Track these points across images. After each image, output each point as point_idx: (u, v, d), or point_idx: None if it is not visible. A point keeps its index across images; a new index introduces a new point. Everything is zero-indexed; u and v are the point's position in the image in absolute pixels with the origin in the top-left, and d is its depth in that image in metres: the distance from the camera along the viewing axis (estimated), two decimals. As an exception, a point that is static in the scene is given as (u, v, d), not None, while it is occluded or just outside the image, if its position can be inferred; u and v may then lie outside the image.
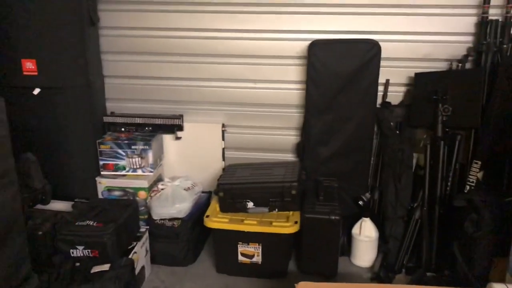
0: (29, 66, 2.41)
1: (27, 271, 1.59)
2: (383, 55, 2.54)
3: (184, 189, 2.62)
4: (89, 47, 2.54)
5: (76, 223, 2.17)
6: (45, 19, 2.38)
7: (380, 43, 2.53)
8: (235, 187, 2.45)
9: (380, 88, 2.64)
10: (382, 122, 2.66)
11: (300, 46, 2.71)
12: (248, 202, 2.44)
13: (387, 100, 2.71)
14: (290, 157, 2.93)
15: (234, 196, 2.44)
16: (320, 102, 2.64)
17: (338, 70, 2.58)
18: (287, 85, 2.81)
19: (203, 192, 2.77)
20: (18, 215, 1.51)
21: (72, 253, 2.12)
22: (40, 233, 2.05)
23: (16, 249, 1.54)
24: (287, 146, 2.91)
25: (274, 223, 2.36)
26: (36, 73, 2.42)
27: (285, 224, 2.35)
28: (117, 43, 2.82)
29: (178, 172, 2.93)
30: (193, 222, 2.54)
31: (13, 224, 1.50)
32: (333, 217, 2.34)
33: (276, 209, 2.45)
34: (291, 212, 2.45)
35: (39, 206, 2.31)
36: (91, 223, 2.17)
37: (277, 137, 2.91)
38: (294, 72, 2.77)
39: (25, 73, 2.42)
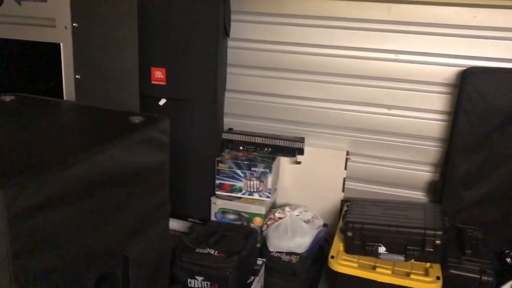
0: (158, 75, 2.29)
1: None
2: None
3: (304, 221, 2.37)
4: (220, 60, 2.39)
5: (197, 250, 1.99)
6: (180, 28, 2.25)
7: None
8: (366, 227, 2.16)
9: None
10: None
11: (449, 72, 2.38)
12: (380, 246, 2.14)
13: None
14: (420, 195, 2.59)
15: (364, 238, 2.15)
16: (471, 138, 2.29)
17: (499, 104, 2.21)
18: (427, 114, 2.48)
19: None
20: (167, 251, 1.34)
21: (190, 283, 1.94)
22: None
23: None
24: (418, 183, 2.58)
25: (412, 276, 2.04)
26: (164, 83, 2.30)
27: (425, 279, 2.02)
28: (242, 56, 2.65)
29: (291, 200, 2.70)
30: (312, 259, 2.29)
31: (162, 260, 1.33)
32: (485, 278, 1.98)
33: (413, 259, 2.12)
34: (428, 264, 2.11)
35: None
36: (212, 251, 1.99)
37: (407, 172, 2.59)
38: (438, 101, 2.44)
39: (153, 82, 2.30)
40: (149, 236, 1.29)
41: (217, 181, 2.50)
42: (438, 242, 2.06)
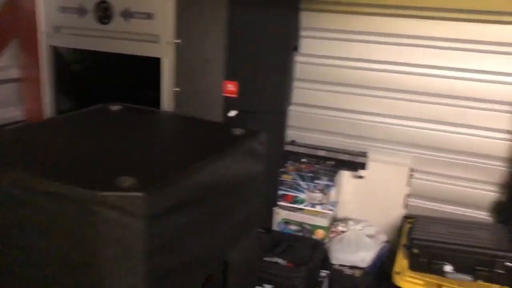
0: (230, 88, 2.38)
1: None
2: None
3: (368, 236, 2.38)
4: (288, 74, 2.46)
5: (265, 258, 2.04)
6: (253, 42, 2.34)
7: None
8: (433, 245, 2.16)
9: None
10: None
11: (519, 92, 2.35)
12: (447, 265, 2.12)
13: None
14: (483, 215, 2.55)
15: (430, 256, 2.14)
16: (543, 160, 2.24)
17: None
18: (494, 133, 2.45)
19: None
20: (258, 256, 1.41)
21: (259, 290, 1.99)
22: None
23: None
24: (484, 203, 2.54)
25: (480, 297, 2.01)
26: (236, 96, 2.38)
27: (495, 301, 1.99)
28: (308, 71, 2.71)
29: (351, 214, 2.71)
30: (374, 274, 2.29)
31: (254, 264, 1.40)
32: (560, 304, 1.93)
33: (481, 280, 2.09)
34: (497, 286, 2.08)
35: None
36: (280, 261, 2.03)
37: (472, 191, 2.56)
38: (506, 120, 2.41)
39: (225, 94, 2.39)
40: (245, 242, 1.36)
41: (280, 192, 2.55)
42: (509, 264, 2.03)
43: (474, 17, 2.35)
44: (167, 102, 1.62)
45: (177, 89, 1.64)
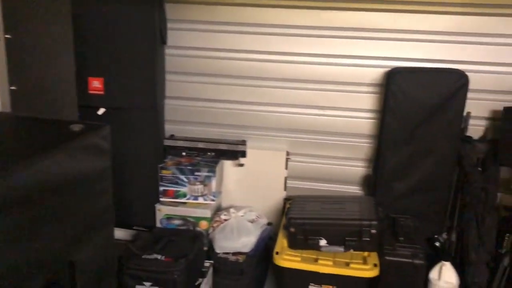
0: (95, 84, 2.29)
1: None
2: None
3: (249, 221, 2.44)
4: (158, 67, 2.42)
5: (143, 257, 2.01)
6: (116, 37, 2.26)
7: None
8: (307, 222, 2.27)
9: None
10: (464, 158, 2.47)
11: (376, 73, 2.56)
12: (321, 239, 2.26)
13: (467, 134, 2.52)
14: (356, 189, 2.75)
15: (306, 233, 2.26)
16: (398, 133, 2.47)
17: (421, 101, 2.40)
18: (357, 113, 2.64)
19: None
20: (114, 258, 1.36)
21: (138, 289, 1.95)
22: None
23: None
24: (354, 178, 2.73)
25: (351, 265, 2.17)
26: (102, 93, 2.29)
27: (364, 267, 2.16)
28: (180, 63, 2.69)
29: (236, 202, 2.76)
30: (258, 258, 2.36)
31: (109, 266, 1.35)
32: (417, 262, 2.15)
33: (352, 249, 2.25)
34: (366, 253, 2.25)
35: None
36: (159, 257, 2.01)
37: (343, 168, 2.74)
38: (367, 100, 2.61)
39: (90, 92, 2.29)
40: (94, 242, 1.31)
41: (161, 188, 2.52)
42: (373, 231, 2.21)
43: (335, 5, 2.49)
44: (2, 102, 1.50)
45: (13, 87, 1.52)
